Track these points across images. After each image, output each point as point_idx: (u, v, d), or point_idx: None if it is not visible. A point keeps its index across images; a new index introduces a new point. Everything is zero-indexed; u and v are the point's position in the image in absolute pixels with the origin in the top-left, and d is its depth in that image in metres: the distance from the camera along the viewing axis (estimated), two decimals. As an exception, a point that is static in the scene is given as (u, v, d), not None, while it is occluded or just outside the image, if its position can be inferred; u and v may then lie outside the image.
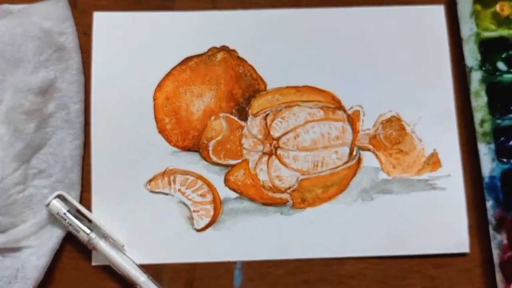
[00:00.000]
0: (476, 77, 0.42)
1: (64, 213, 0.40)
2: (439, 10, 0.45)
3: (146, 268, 0.41)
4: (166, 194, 0.42)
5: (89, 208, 0.42)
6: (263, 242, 0.42)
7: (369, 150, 0.43)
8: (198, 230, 0.42)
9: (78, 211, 0.41)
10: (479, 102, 0.42)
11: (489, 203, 0.41)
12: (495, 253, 0.41)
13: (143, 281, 0.40)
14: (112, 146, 0.43)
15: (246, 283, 0.42)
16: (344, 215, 0.42)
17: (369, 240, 0.42)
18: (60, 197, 0.41)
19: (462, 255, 0.42)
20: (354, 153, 0.43)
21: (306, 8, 0.44)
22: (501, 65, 0.44)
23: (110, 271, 0.41)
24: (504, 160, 0.42)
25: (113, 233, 0.41)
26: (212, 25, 0.44)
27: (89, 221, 0.41)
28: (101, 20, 0.44)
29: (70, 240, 0.42)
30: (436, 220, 0.42)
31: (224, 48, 0.44)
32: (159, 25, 0.44)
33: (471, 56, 0.43)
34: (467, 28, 0.43)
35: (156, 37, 0.44)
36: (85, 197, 0.42)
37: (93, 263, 0.41)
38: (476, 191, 0.43)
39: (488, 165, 0.41)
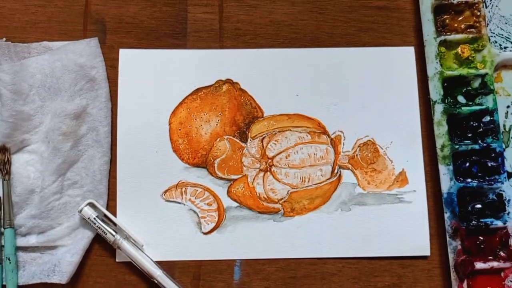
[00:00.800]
0: (439, 109, 0.44)
1: (94, 218, 0.43)
2: (410, 51, 0.47)
3: (161, 264, 0.43)
4: (179, 203, 0.45)
5: (114, 214, 0.44)
6: (259, 244, 0.44)
7: (348, 168, 0.46)
8: (205, 233, 0.44)
9: (106, 216, 0.44)
10: (441, 130, 0.44)
11: (447, 215, 0.43)
12: (451, 256, 0.43)
13: (159, 275, 0.42)
14: (134, 162, 0.45)
15: (244, 277, 0.44)
16: (326, 223, 0.44)
17: (347, 244, 0.44)
18: (91, 205, 0.43)
19: (424, 257, 0.44)
20: (336, 171, 0.45)
21: (298, 48, 0.47)
22: (461, 99, 0.46)
23: (131, 267, 0.43)
24: (461, 179, 0.44)
25: (134, 235, 0.43)
26: (219, 61, 0.46)
27: (115, 224, 0.43)
28: (126, 56, 0.46)
29: (98, 241, 0.44)
30: (403, 228, 0.44)
31: (228, 81, 0.46)
32: (174, 61, 0.46)
33: (435, 91, 0.44)
34: (433, 67, 0.45)
35: (171, 71, 0.46)
36: (111, 205, 0.44)
37: (117, 260, 0.44)
38: (436, 205, 0.45)
39: (447, 183, 0.43)
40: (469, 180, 0.44)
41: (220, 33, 0.47)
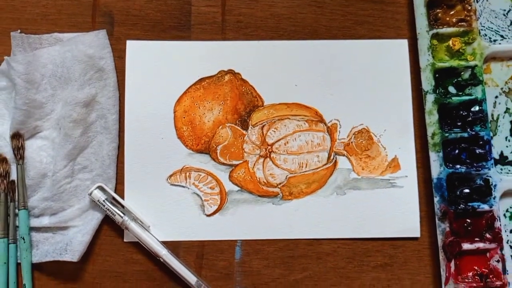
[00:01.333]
0: (430, 99, 0.45)
1: (103, 200, 0.44)
2: (403, 44, 0.47)
3: (167, 244, 0.44)
4: (183, 186, 0.46)
5: (122, 196, 0.45)
6: (258, 226, 0.45)
7: (343, 155, 0.47)
8: (208, 215, 0.45)
9: (114, 199, 0.45)
10: (432, 119, 0.45)
11: (436, 199, 0.44)
12: (439, 238, 0.44)
13: (164, 254, 0.43)
14: (141, 148, 0.46)
15: (244, 257, 0.45)
16: (323, 206, 0.45)
17: (342, 226, 0.45)
18: (100, 188, 0.44)
19: (414, 239, 0.45)
20: (332, 157, 0.47)
21: (297, 40, 0.47)
22: (451, 89, 0.46)
23: (138, 246, 0.45)
24: (450, 165, 0.45)
25: (141, 216, 0.44)
26: (221, 53, 0.47)
27: (122, 207, 0.44)
28: (133, 47, 0.47)
29: (107, 222, 0.45)
30: (395, 211, 0.45)
31: (230, 71, 0.47)
32: (178, 52, 0.47)
33: (427, 82, 0.45)
34: (425, 59, 0.45)
35: (176, 62, 0.46)
36: (119, 188, 0.45)
37: (125, 240, 0.45)
38: (426, 189, 0.46)
39: (436, 169, 0.45)
40: (458, 166, 0.45)
41: (222, 25, 0.48)
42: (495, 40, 0.48)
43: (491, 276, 0.44)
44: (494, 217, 0.44)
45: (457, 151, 0.46)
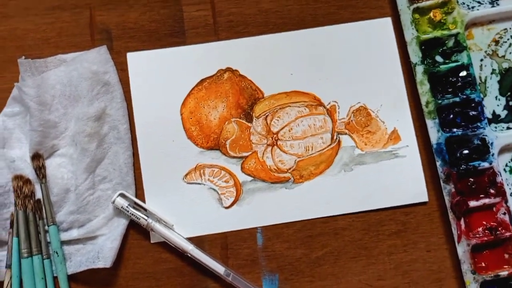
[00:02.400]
0: (419, 70, 0.47)
1: (127, 207, 0.45)
2: (387, 22, 0.49)
3: (191, 240, 0.46)
4: (199, 183, 0.47)
5: (143, 200, 0.46)
6: (275, 211, 0.46)
7: (345, 133, 0.48)
8: (226, 208, 0.47)
9: (136, 204, 0.46)
10: (424, 88, 0.46)
11: (438, 163, 0.46)
12: (447, 199, 0.45)
13: (191, 249, 0.45)
14: (155, 153, 0.47)
15: (266, 242, 0.46)
16: (333, 184, 0.47)
17: (353, 200, 0.46)
18: (122, 195, 0.46)
19: (423, 203, 0.47)
20: (335, 137, 0.48)
21: (286, 32, 0.49)
22: (438, 58, 0.48)
23: (165, 246, 0.46)
24: (447, 130, 0.46)
25: (164, 217, 0.45)
26: (217, 53, 0.48)
27: (145, 210, 0.46)
28: (133, 58, 0.48)
29: (133, 226, 0.46)
30: (401, 180, 0.47)
31: (228, 69, 0.48)
32: (177, 57, 0.48)
33: (414, 54, 0.47)
34: (409, 33, 0.47)
35: (175, 67, 0.48)
36: (139, 193, 0.47)
37: (152, 241, 0.46)
38: (428, 155, 0.47)
39: (435, 135, 0.46)
40: (454, 129, 0.47)
41: (215, 27, 0.49)
42: (473, 7, 0.49)
43: (500, 229, 0.46)
44: (495, 173, 0.46)
45: (451, 115, 0.47)
